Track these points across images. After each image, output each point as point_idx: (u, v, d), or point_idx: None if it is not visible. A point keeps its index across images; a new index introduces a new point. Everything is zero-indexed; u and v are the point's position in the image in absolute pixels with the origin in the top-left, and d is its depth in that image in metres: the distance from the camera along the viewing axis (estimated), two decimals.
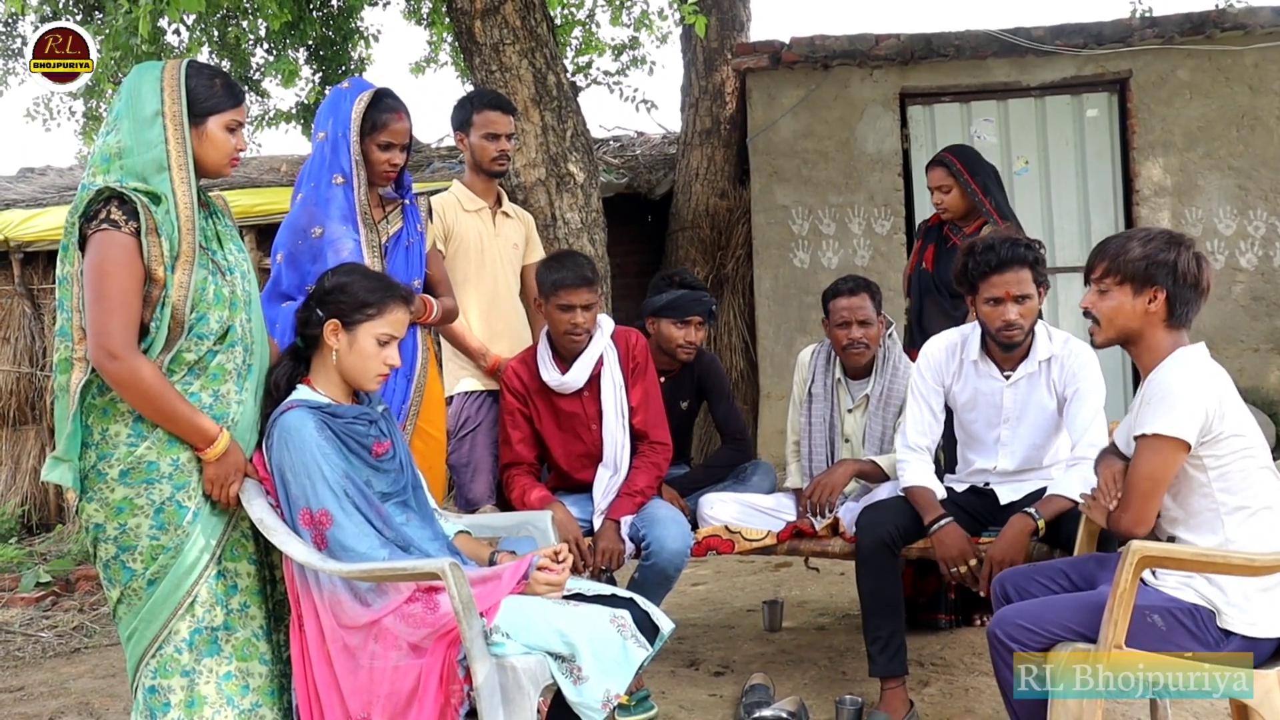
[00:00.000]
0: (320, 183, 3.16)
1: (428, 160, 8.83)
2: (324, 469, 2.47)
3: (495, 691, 2.30)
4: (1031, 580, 2.74)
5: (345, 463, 2.53)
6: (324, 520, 2.45)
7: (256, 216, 7.34)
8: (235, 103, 2.56)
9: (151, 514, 2.43)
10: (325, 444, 2.50)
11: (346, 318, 2.60)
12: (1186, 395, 2.42)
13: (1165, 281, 2.50)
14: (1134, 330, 2.55)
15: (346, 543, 2.44)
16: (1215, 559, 2.36)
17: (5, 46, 9.91)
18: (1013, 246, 3.16)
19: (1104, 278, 2.57)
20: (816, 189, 7.22)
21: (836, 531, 3.52)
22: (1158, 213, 7.05)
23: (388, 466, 2.67)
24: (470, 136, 3.80)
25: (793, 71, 7.28)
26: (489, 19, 5.78)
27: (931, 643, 4.00)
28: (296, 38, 8.75)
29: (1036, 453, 3.34)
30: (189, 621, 2.46)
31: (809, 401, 3.85)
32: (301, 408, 2.54)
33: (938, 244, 4.38)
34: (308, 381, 2.64)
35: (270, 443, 2.54)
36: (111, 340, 2.34)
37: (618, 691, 2.35)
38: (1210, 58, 7.00)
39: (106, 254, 2.36)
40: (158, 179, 2.43)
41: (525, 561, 2.50)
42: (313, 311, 2.63)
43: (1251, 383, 6.86)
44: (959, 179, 4.28)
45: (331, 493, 2.46)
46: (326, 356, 2.63)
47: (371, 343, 2.60)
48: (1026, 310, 3.16)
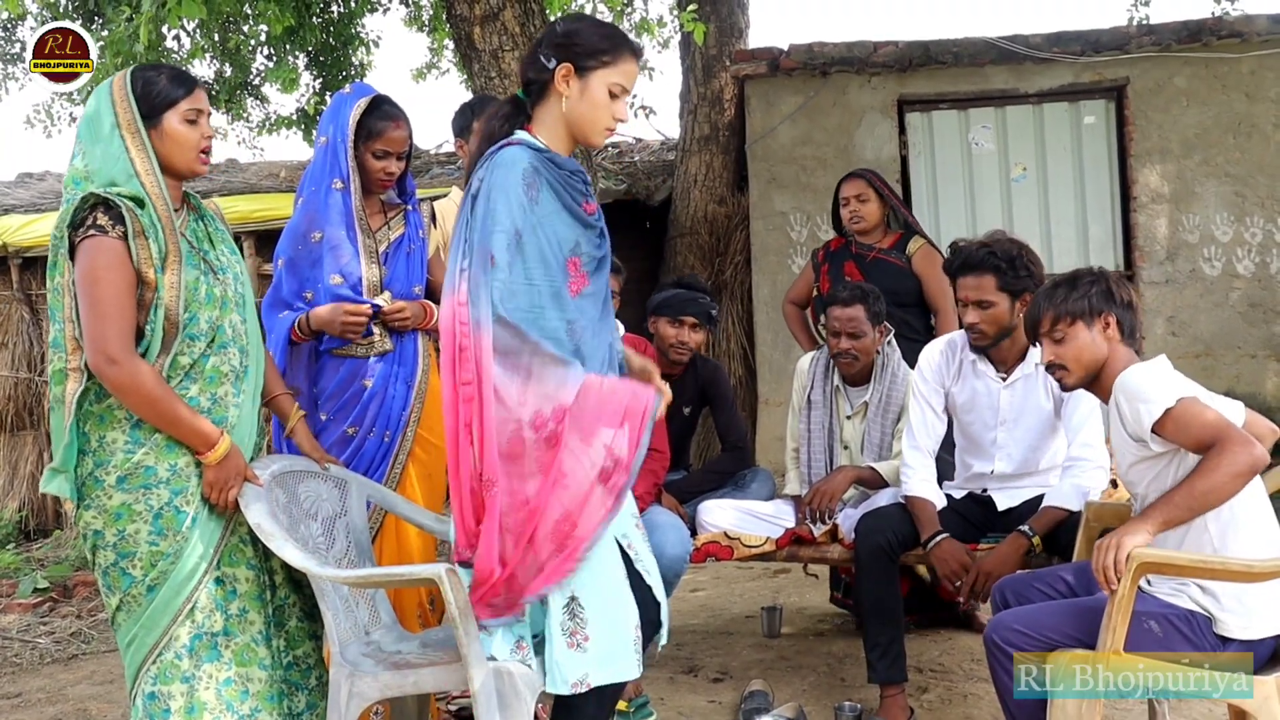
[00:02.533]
0: (320, 187, 3.15)
1: (427, 166, 8.84)
2: (513, 210, 2.34)
3: (492, 696, 2.30)
4: (1030, 587, 2.75)
5: (557, 213, 2.40)
6: (491, 261, 2.33)
7: (256, 222, 7.34)
8: (186, 91, 2.50)
9: (150, 520, 2.43)
10: (528, 196, 2.36)
11: (580, 63, 2.44)
12: (1158, 376, 2.51)
13: (1109, 306, 2.62)
14: (1099, 360, 2.62)
15: (493, 294, 2.31)
16: (1213, 565, 2.37)
17: (4, 51, 9.92)
18: (978, 250, 3.20)
19: (1054, 327, 2.65)
20: (815, 195, 7.23)
21: (835, 538, 3.53)
22: (1155, 219, 7.06)
23: (596, 224, 2.52)
24: (470, 143, 3.81)
25: (791, 78, 7.30)
26: (488, 25, 5.79)
27: (931, 649, 4.00)
28: (297, 44, 8.77)
29: (1033, 455, 3.35)
30: (189, 627, 2.45)
31: (808, 408, 3.86)
32: (521, 145, 2.42)
33: (855, 260, 4.49)
34: (529, 129, 2.50)
35: (480, 173, 2.44)
36: (109, 345, 2.34)
37: (591, 684, 2.32)
38: (1207, 65, 7.02)
39: (96, 260, 2.36)
40: (130, 185, 2.43)
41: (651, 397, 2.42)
42: (539, 58, 2.50)
43: (1249, 389, 6.87)
44: (879, 191, 4.49)
45: (505, 233, 2.33)
46: (553, 106, 2.48)
47: (604, 91, 2.44)
48: (988, 317, 3.21)
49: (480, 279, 2.32)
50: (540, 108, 2.49)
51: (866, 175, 4.57)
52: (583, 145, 2.56)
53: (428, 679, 2.49)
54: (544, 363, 2.31)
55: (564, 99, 2.44)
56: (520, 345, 2.31)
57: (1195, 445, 2.41)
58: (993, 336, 3.23)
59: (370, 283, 3.16)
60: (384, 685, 2.48)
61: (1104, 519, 2.92)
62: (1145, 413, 2.45)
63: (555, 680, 2.31)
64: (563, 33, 2.47)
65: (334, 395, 3.17)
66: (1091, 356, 2.62)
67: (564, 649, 2.30)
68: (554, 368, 2.31)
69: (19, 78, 10.11)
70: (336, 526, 2.88)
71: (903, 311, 4.33)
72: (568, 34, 2.46)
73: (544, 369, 2.31)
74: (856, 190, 4.48)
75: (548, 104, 2.48)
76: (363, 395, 3.16)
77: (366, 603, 2.81)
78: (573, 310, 2.40)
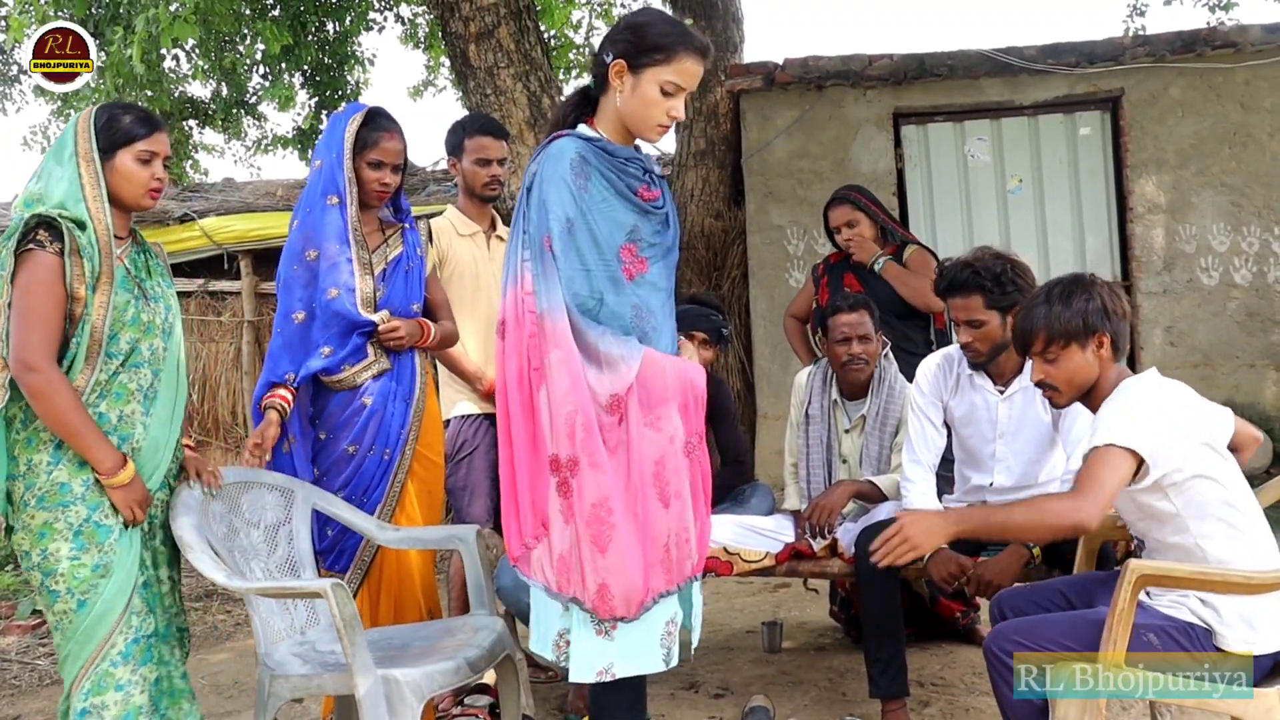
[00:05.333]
0: (315, 206, 3.17)
1: (423, 183, 8.85)
2: (564, 199, 2.42)
3: (380, 702, 2.44)
4: (1029, 601, 2.74)
5: (609, 200, 2.47)
6: (550, 250, 2.42)
7: (252, 241, 7.35)
8: (146, 132, 2.65)
9: (70, 537, 2.51)
10: (576, 185, 2.44)
11: (633, 59, 2.46)
12: (1131, 408, 2.47)
13: (1105, 325, 2.57)
14: (1090, 379, 2.60)
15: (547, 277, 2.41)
16: (1214, 577, 2.36)
17: (2, 73, 9.95)
18: (961, 271, 3.20)
19: (1047, 348, 2.61)
20: (811, 209, 7.23)
21: (835, 552, 3.52)
22: (1152, 230, 7.07)
23: (656, 210, 2.55)
24: (462, 161, 3.82)
25: (786, 92, 7.31)
26: (483, 43, 5.81)
27: (932, 663, 3.99)
28: (293, 63, 8.80)
29: (1032, 468, 3.34)
30: (125, 634, 2.54)
31: (806, 423, 3.85)
32: (570, 137, 2.50)
33: (855, 271, 4.50)
34: (590, 121, 2.57)
35: (532, 166, 2.52)
36: (30, 353, 2.45)
37: (615, 674, 2.39)
38: (1202, 75, 7.04)
39: (31, 274, 2.49)
40: (76, 209, 2.55)
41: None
42: (600, 51, 2.54)
43: (1248, 399, 6.87)
44: (866, 211, 4.49)
45: (558, 221, 2.42)
46: (611, 99, 2.53)
47: (655, 90, 2.46)
48: (980, 335, 3.21)
49: (542, 269, 2.39)
50: (602, 99, 2.55)
51: (851, 198, 4.55)
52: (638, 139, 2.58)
53: (329, 683, 2.62)
54: (610, 346, 2.39)
55: (618, 94, 2.48)
56: (586, 331, 2.39)
57: (1075, 481, 2.46)
58: (987, 353, 3.23)
59: (365, 296, 3.17)
60: (294, 686, 2.63)
61: (1103, 532, 2.92)
62: (1099, 433, 2.46)
63: (580, 668, 2.33)
64: (624, 27, 2.50)
65: (333, 413, 3.18)
66: (1084, 377, 2.60)
67: (591, 636, 2.33)
68: (620, 349, 2.40)
69: (16, 99, 10.15)
70: (279, 534, 3.02)
71: (903, 324, 4.33)
72: (629, 28, 2.48)
73: (611, 352, 2.39)
74: (846, 218, 4.50)
75: (607, 96, 2.53)
76: (362, 413, 3.17)
77: (306, 604, 2.97)
78: (631, 295, 2.47)
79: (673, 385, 2.44)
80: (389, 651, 2.75)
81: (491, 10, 5.83)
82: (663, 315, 2.55)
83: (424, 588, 3.26)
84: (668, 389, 2.43)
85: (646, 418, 2.41)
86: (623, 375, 2.39)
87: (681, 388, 2.46)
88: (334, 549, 3.19)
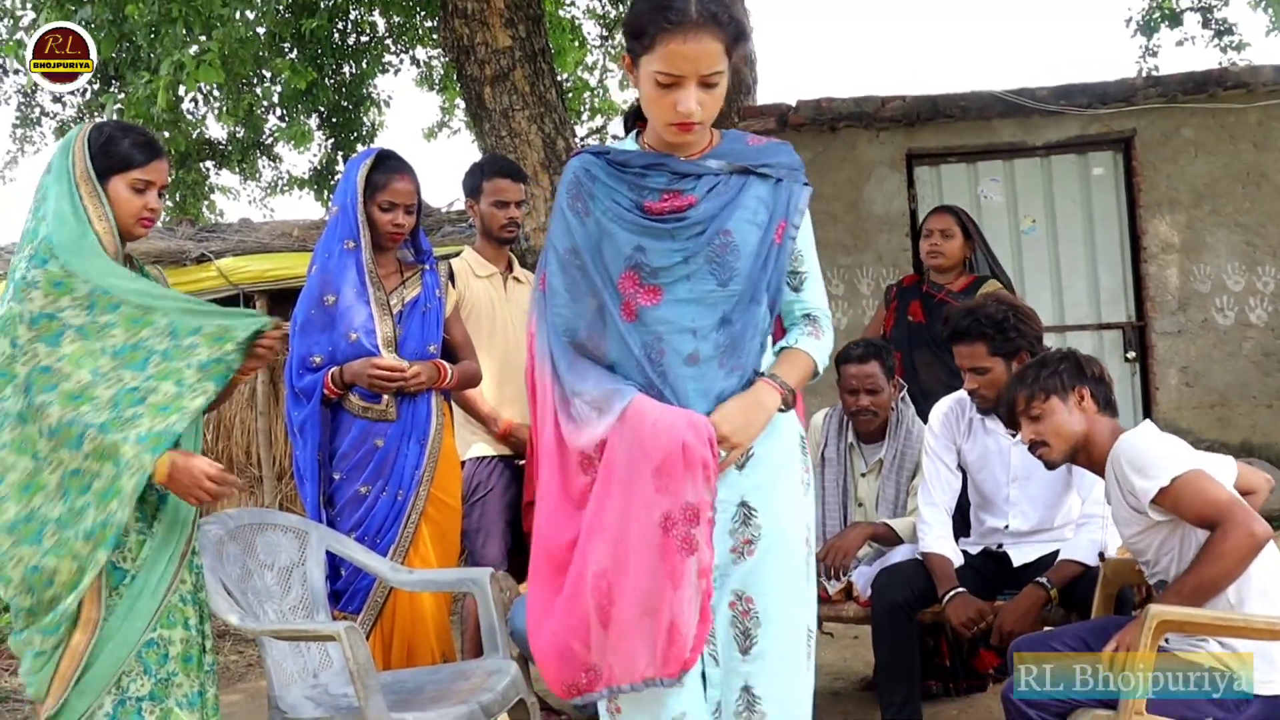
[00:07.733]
0: (333, 252, 3.20)
1: (438, 224, 8.88)
2: (560, 228, 2.15)
3: None
4: (1048, 646, 2.71)
5: (610, 220, 2.12)
6: (543, 286, 2.19)
7: (268, 281, 7.35)
8: (145, 160, 2.49)
9: None
10: (572, 210, 2.15)
11: (631, 51, 2.10)
12: (1156, 447, 2.51)
13: (1080, 380, 2.67)
14: (1080, 433, 2.65)
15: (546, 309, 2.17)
16: (1236, 623, 2.34)
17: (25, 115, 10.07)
18: (964, 319, 3.21)
19: (1029, 405, 2.69)
20: (825, 250, 7.22)
21: (850, 595, 3.49)
22: (1165, 270, 7.06)
23: (677, 224, 2.09)
24: (480, 204, 3.84)
25: (800, 133, 7.34)
26: (498, 85, 5.86)
27: (948, 708, 3.94)
28: (309, 104, 8.88)
29: (1048, 512, 3.32)
30: (114, 694, 2.38)
31: (822, 466, 3.83)
32: (581, 154, 2.20)
33: (923, 299, 4.38)
34: (642, 127, 2.22)
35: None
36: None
37: None
38: (1214, 115, 7.05)
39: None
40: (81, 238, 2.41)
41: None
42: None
43: (1265, 439, 6.82)
44: (965, 230, 4.34)
45: (555, 253, 2.17)
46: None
47: (650, 84, 2.04)
48: (985, 382, 3.22)
49: (537, 307, 2.18)
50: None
51: (956, 211, 4.42)
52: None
53: None
54: (586, 393, 2.07)
55: (639, 92, 2.12)
56: (565, 376, 2.10)
57: (1197, 520, 2.43)
58: (994, 400, 3.21)
59: (385, 337, 3.19)
60: None
61: (1122, 576, 2.90)
62: (1142, 487, 2.45)
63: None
64: (627, 13, 2.13)
65: (346, 454, 3.19)
66: (1070, 430, 2.65)
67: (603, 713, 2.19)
68: (594, 396, 2.06)
69: (36, 143, 10.26)
70: (293, 576, 3.00)
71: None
72: (628, 14, 2.10)
73: (581, 401, 2.07)
74: (943, 225, 4.33)
75: None
76: (375, 455, 3.17)
77: (319, 647, 2.96)
78: (638, 331, 2.09)
79: (650, 445, 2.00)
80: (402, 695, 2.73)
81: (506, 53, 5.88)
82: (710, 349, 2.10)
83: (437, 630, 3.25)
84: (644, 449, 2.00)
85: (616, 481, 2.02)
86: (592, 428, 2.04)
87: (664, 450, 1.99)
88: (347, 590, 3.19)
